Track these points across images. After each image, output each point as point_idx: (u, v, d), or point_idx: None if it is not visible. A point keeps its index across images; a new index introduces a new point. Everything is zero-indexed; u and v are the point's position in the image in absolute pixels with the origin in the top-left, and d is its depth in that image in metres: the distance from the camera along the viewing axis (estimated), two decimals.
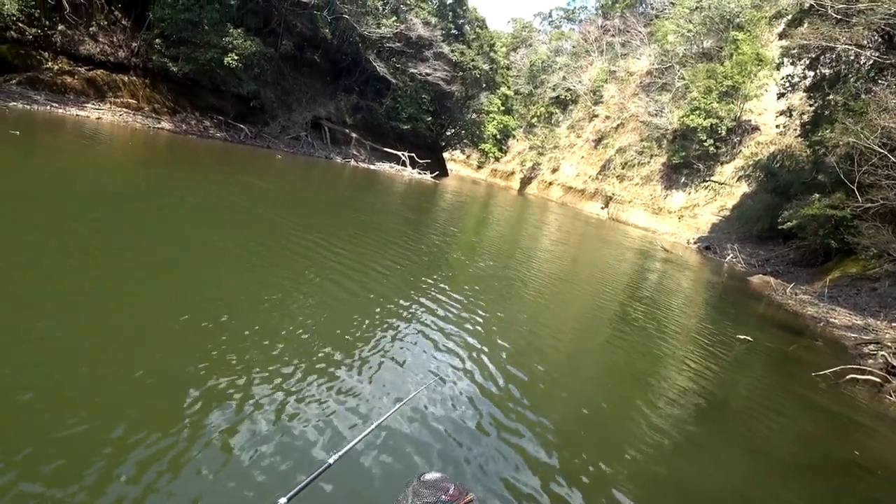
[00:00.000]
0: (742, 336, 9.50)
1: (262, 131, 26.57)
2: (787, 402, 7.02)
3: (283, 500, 1.54)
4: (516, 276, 10.74)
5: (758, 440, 5.44)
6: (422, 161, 34.97)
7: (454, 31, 37.84)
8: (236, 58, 21.88)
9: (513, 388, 5.01)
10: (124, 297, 4.84)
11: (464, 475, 3.49)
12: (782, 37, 23.71)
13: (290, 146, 27.80)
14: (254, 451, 3.16)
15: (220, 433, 3.24)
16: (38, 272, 4.78)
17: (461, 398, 4.59)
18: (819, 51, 19.86)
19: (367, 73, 31.97)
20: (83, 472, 2.68)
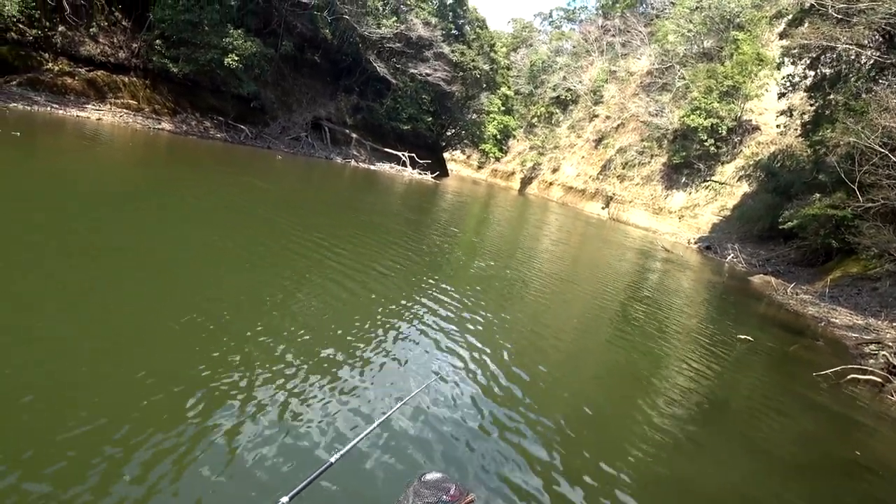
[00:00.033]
0: (743, 336, 9.49)
1: (262, 132, 26.57)
2: (788, 401, 7.01)
3: (284, 499, 1.55)
4: (517, 276, 10.73)
5: (759, 440, 5.44)
6: (422, 161, 34.95)
7: (454, 32, 37.86)
8: (236, 58, 21.90)
9: (514, 388, 5.01)
10: (124, 297, 4.84)
11: (465, 475, 3.49)
12: (783, 36, 23.72)
13: (291, 147, 27.80)
14: (256, 451, 3.16)
15: (223, 433, 3.24)
16: (38, 272, 4.78)
17: (462, 398, 4.59)
18: (820, 50, 19.87)
19: (368, 73, 31.98)
20: (87, 473, 2.68)
